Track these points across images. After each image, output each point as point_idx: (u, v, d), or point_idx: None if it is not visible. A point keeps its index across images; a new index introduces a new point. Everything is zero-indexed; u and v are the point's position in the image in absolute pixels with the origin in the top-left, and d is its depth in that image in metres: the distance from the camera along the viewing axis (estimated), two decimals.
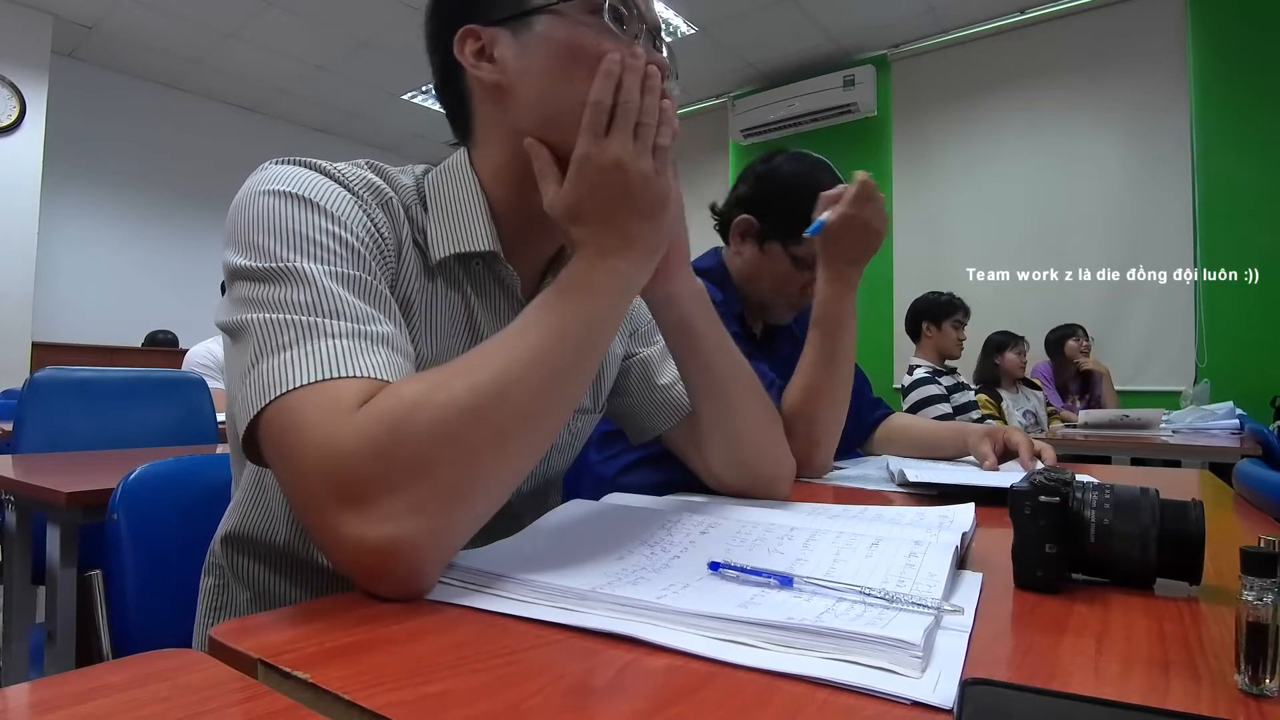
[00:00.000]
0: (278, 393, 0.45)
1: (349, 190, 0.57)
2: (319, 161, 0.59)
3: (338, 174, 0.58)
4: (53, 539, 1.03)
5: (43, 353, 4.23)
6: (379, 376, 0.47)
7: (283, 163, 0.58)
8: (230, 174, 0.58)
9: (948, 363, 3.14)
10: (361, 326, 0.49)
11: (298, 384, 0.45)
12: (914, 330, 3.18)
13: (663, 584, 0.43)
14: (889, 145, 4.87)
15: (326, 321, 0.48)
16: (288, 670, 0.32)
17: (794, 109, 4.93)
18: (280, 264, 0.50)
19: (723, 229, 1.30)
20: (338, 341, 0.47)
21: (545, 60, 0.61)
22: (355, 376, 0.46)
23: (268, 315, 0.48)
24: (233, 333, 0.50)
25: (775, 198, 1.22)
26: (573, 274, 0.55)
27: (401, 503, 0.42)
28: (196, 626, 0.68)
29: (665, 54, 0.67)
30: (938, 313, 3.10)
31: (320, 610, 0.41)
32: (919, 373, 3.01)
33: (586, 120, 0.55)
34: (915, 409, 2.88)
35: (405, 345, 0.53)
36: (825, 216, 1.04)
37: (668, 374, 0.82)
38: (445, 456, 0.44)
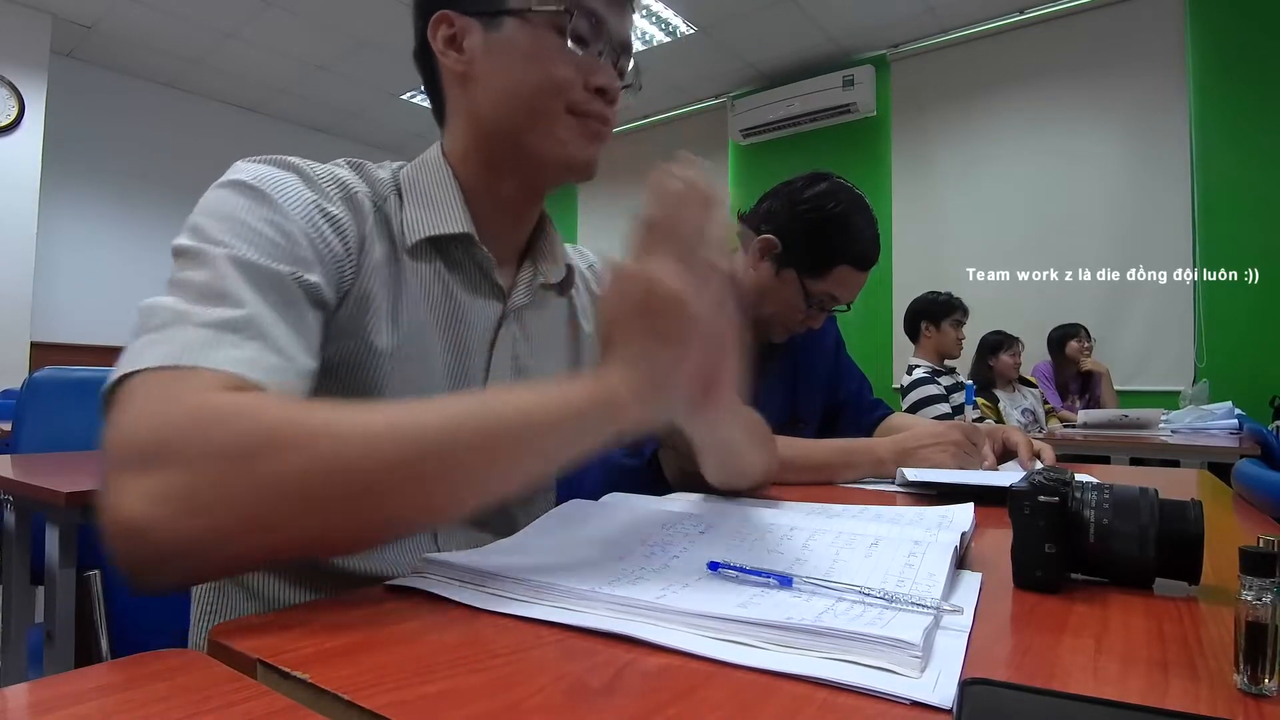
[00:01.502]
0: (124, 371, 0.44)
1: (309, 183, 0.58)
2: (289, 159, 0.60)
3: (301, 167, 0.60)
4: (51, 539, 1.03)
5: (41, 352, 4.23)
6: (232, 371, 0.45)
7: (253, 160, 0.59)
8: None
9: (947, 362, 3.14)
10: (235, 314, 0.47)
11: (144, 366, 0.44)
12: (913, 330, 3.18)
13: (662, 584, 0.43)
14: (888, 145, 4.87)
15: (200, 310, 0.47)
16: (287, 670, 0.32)
17: (793, 109, 4.92)
18: (194, 244, 0.51)
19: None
20: (202, 331, 0.46)
21: (507, 64, 0.64)
22: (203, 367, 0.44)
23: (155, 300, 0.48)
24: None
25: (804, 229, 1.19)
26: (568, 386, 0.49)
27: (185, 486, 0.39)
28: (192, 627, 0.68)
29: (630, 66, 0.70)
30: (936, 312, 3.10)
31: (319, 610, 0.41)
32: (918, 373, 3.01)
33: (634, 237, 0.52)
34: (914, 409, 2.88)
35: (291, 345, 0.50)
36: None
37: None
38: (269, 505, 0.40)
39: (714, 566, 0.46)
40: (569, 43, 0.63)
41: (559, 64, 0.63)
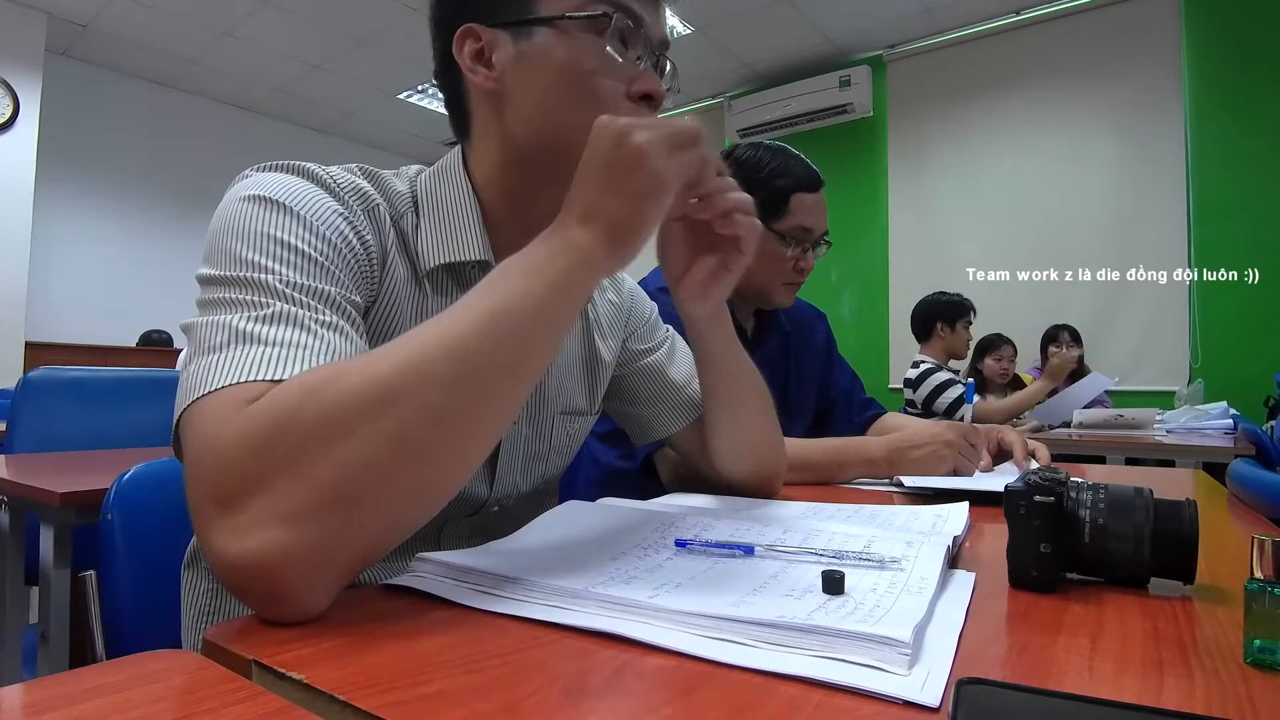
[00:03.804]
0: (195, 395, 0.42)
1: (333, 195, 0.55)
2: (306, 165, 0.57)
3: (324, 177, 0.56)
4: (46, 539, 1.02)
5: (36, 352, 4.21)
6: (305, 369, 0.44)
7: (266, 168, 0.56)
8: (225, 173, 0.57)
9: (953, 363, 3.14)
10: (298, 334, 0.46)
11: (215, 387, 0.42)
12: (925, 330, 3.15)
13: (655, 583, 0.43)
14: (884, 145, 4.88)
15: (263, 328, 0.45)
16: (282, 671, 0.32)
17: (790, 109, 4.93)
18: (238, 269, 0.48)
19: None
20: (266, 348, 0.44)
21: (543, 77, 0.60)
22: (274, 380, 0.43)
23: (210, 318, 0.46)
24: (185, 333, 0.49)
25: (747, 186, 1.23)
26: (525, 250, 0.50)
27: (273, 507, 0.38)
28: (188, 629, 0.67)
29: (669, 68, 0.67)
30: (952, 314, 3.09)
31: None
32: (925, 365, 3.01)
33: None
34: (934, 395, 2.88)
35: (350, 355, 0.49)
36: None
37: (677, 376, 0.83)
38: (328, 455, 0.39)
39: (681, 544, 0.50)
40: (609, 49, 0.59)
41: (600, 75, 0.59)
